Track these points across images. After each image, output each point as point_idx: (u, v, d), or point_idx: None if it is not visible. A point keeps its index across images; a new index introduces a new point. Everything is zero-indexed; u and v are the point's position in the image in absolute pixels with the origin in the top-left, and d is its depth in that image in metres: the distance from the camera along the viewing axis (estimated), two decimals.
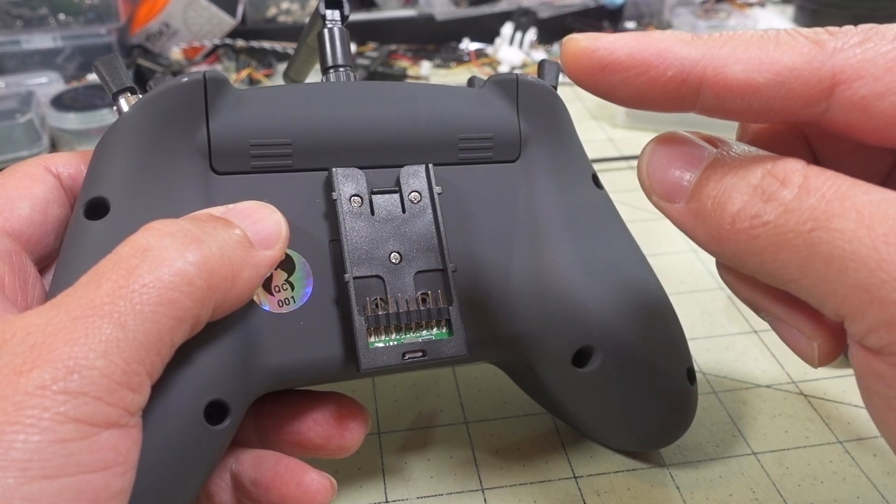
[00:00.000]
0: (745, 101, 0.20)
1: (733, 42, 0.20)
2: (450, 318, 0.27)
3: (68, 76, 0.73)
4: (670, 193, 0.22)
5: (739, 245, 0.20)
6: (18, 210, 0.26)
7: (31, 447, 0.18)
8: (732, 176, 0.20)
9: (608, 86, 0.21)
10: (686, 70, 0.20)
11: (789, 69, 0.19)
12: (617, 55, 0.20)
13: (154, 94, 0.26)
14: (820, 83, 0.19)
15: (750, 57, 0.19)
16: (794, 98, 0.19)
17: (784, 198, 0.19)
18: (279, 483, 0.26)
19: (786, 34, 0.20)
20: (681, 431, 0.33)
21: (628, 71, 0.20)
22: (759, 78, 0.19)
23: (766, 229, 0.19)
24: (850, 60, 0.19)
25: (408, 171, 0.29)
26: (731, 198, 0.20)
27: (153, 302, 0.20)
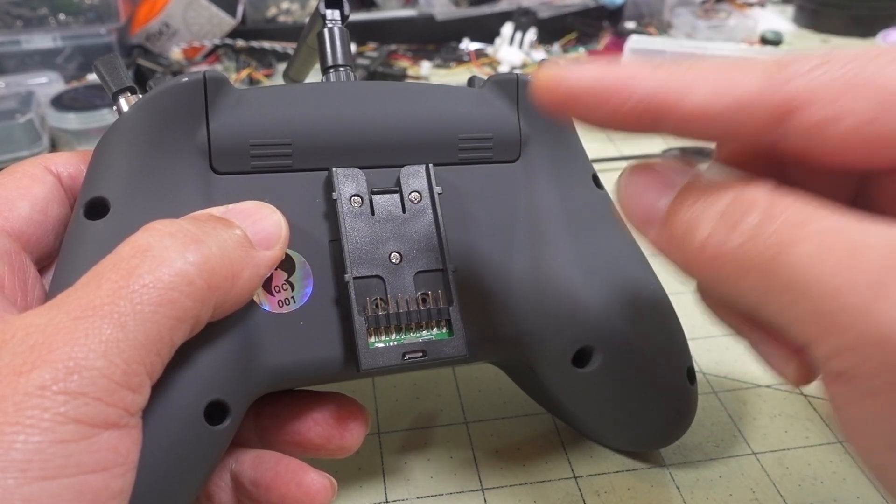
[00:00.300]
0: (705, 127, 0.20)
1: (694, 70, 0.20)
2: (450, 318, 0.27)
3: (68, 76, 0.73)
4: (646, 220, 0.22)
5: (709, 271, 0.21)
6: (18, 210, 0.26)
7: (31, 448, 0.18)
8: (702, 203, 0.21)
9: (577, 113, 0.22)
10: (648, 98, 0.21)
11: (745, 96, 0.20)
12: (583, 84, 0.21)
13: (154, 94, 0.26)
14: (775, 109, 0.19)
15: (708, 85, 0.20)
16: (751, 124, 0.20)
17: (749, 224, 0.19)
18: (279, 483, 0.26)
19: (744, 62, 0.21)
20: (681, 431, 0.33)
21: (595, 99, 0.21)
22: (717, 105, 0.20)
23: (732, 256, 0.20)
24: (805, 86, 0.19)
25: (408, 171, 0.29)
26: (700, 224, 0.20)
27: (153, 302, 0.20)
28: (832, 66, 0.19)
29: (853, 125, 0.19)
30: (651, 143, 0.65)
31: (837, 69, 0.19)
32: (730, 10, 0.91)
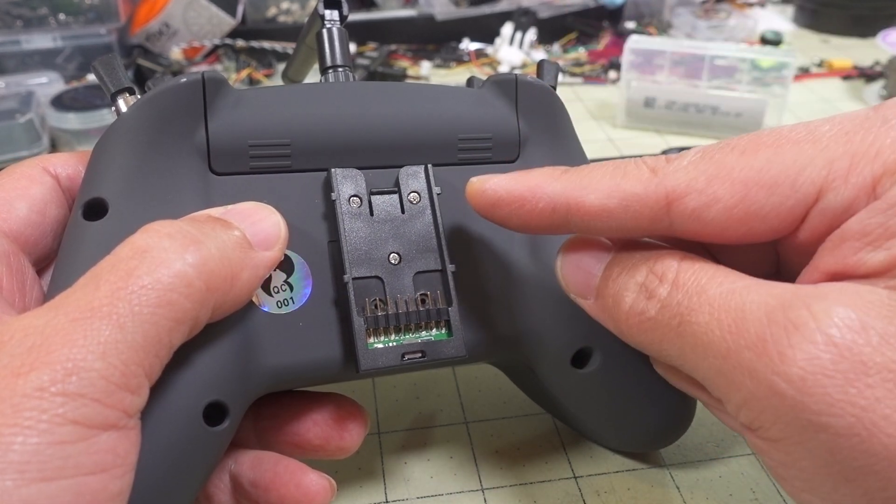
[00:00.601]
0: (603, 222, 0.23)
1: (591, 174, 0.24)
2: (449, 318, 0.27)
3: (68, 76, 0.73)
4: (582, 291, 0.25)
5: (636, 336, 0.24)
6: (16, 211, 0.26)
7: (29, 449, 0.18)
8: (625, 275, 0.24)
9: (501, 218, 0.25)
10: (554, 201, 0.24)
11: (631, 194, 0.23)
12: (500, 193, 0.25)
13: (152, 95, 0.26)
14: (657, 203, 0.22)
15: (602, 186, 0.23)
16: (639, 217, 0.23)
17: (661, 294, 0.22)
18: (278, 484, 0.26)
19: (633, 164, 0.23)
20: (680, 432, 0.33)
21: (510, 205, 0.25)
22: (609, 203, 0.23)
23: (650, 324, 0.23)
24: (679, 180, 0.22)
25: (407, 171, 0.29)
26: (624, 296, 0.23)
27: (152, 304, 0.20)
28: (702, 160, 0.22)
29: (723, 209, 0.22)
30: (651, 144, 0.65)
31: (705, 163, 0.22)
32: (730, 10, 0.91)
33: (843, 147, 0.21)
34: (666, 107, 0.67)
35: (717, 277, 0.21)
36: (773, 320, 0.19)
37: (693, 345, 0.21)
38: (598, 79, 0.78)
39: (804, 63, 0.81)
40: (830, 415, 0.18)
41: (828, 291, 0.20)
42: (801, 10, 0.94)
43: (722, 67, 0.65)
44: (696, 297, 0.21)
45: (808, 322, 0.19)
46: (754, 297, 0.20)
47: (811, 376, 0.18)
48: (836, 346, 0.18)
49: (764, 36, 0.85)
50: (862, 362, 0.18)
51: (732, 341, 0.20)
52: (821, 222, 0.21)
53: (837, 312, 0.19)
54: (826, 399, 0.18)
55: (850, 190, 0.21)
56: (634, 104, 0.67)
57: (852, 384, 0.18)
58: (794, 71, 0.66)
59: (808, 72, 0.80)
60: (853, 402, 0.18)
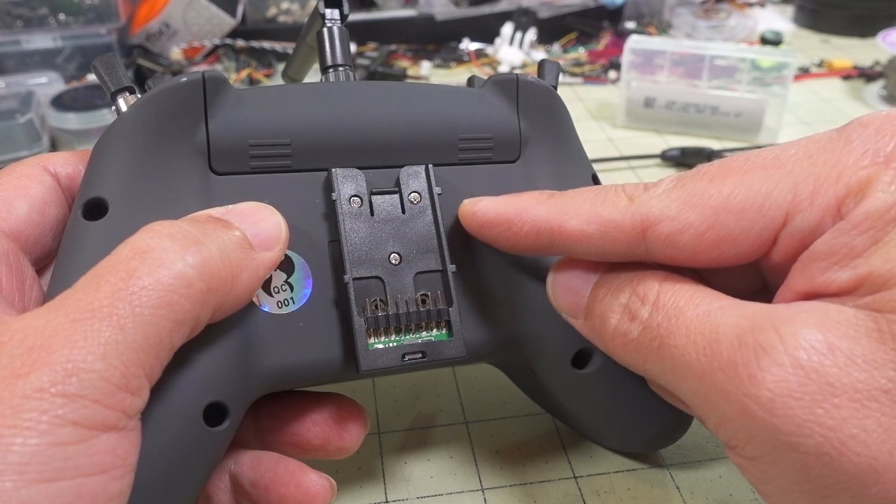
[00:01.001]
0: (584, 247, 0.24)
1: (573, 200, 0.25)
2: (449, 319, 0.27)
3: (68, 76, 0.73)
4: (572, 311, 0.26)
5: (622, 356, 0.24)
6: (16, 210, 0.26)
7: (28, 450, 0.18)
8: (610, 296, 0.25)
9: (491, 238, 0.27)
10: (538, 225, 0.25)
11: (609, 221, 0.24)
12: (488, 216, 0.26)
13: (153, 94, 0.26)
14: (633, 229, 0.23)
15: (582, 212, 0.24)
16: (617, 242, 0.24)
17: (642, 316, 0.23)
18: (278, 484, 0.26)
19: (613, 191, 0.24)
20: (680, 433, 0.33)
21: (498, 227, 0.26)
22: (588, 229, 0.24)
23: (634, 345, 0.23)
24: (653, 208, 0.23)
25: (407, 171, 0.29)
26: (609, 317, 0.24)
27: (152, 305, 0.20)
28: (676, 187, 0.23)
29: (694, 234, 0.22)
30: (651, 144, 0.65)
31: (678, 191, 0.23)
32: (730, 10, 0.91)
33: (807, 170, 0.22)
34: (666, 107, 0.67)
35: (694, 299, 0.22)
36: (743, 343, 0.20)
37: (672, 366, 0.22)
38: (598, 79, 0.78)
39: (804, 63, 0.81)
40: (800, 435, 0.19)
41: (797, 313, 0.20)
42: (801, 10, 0.94)
43: (722, 67, 0.65)
44: (675, 319, 0.22)
45: (776, 344, 0.19)
46: (727, 319, 0.21)
47: (779, 398, 0.19)
48: (803, 369, 0.19)
49: (764, 36, 0.85)
50: (829, 383, 0.19)
51: (707, 363, 0.21)
52: (790, 244, 0.22)
53: (804, 334, 0.19)
54: (794, 420, 0.19)
55: (816, 212, 0.21)
56: (634, 104, 0.67)
57: (819, 405, 0.19)
58: (794, 71, 0.66)
59: (808, 72, 0.80)
60: (821, 423, 0.19)
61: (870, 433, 0.18)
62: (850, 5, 0.89)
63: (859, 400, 0.18)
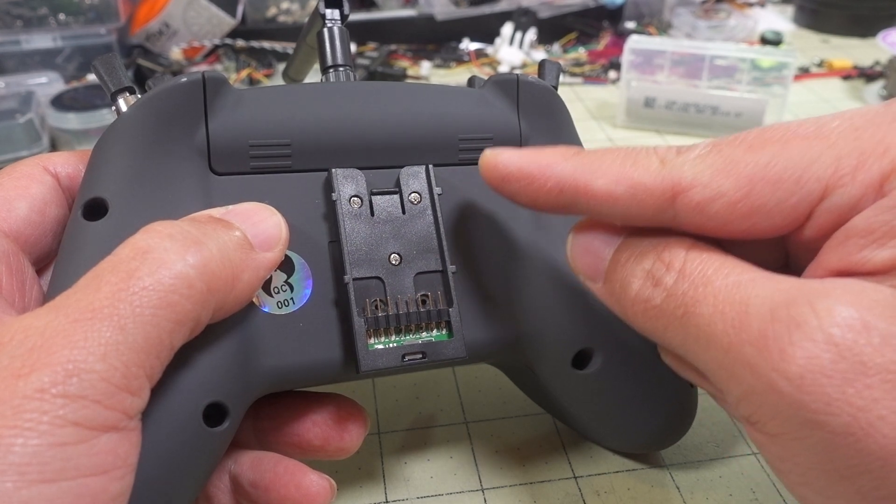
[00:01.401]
0: (609, 208, 0.23)
1: (602, 159, 0.24)
2: (449, 319, 0.27)
3: (68, 76, 0.73)
4: (591, 274, 0.25)
5: (642, 323, 0.24)
6: (16, 210, 0.26)
7: (29, 451, 0.18)
8: (633, 261, 0.24)
9: (510, 192, 0.25)
10: (562, 182, 0.24)
11: (638, 183, 0.23)
12: (510, 169, 0.25)
13: (153, 95, 0.26)
14: (663, 194, 0.22)
15: (611, 172, 0.23)
16: (645, 206, 0.23)
17: (667, 283, 0.22)
18: (278, 485, 0.26)
19: (645, 153, 0.23)
20: (681, 433, 0.33)
21: (520, 182, 0.25)
22: (616, 190, 0.23)
23: (655, 312, 0.23)
24: (686, 173, 0.22)
25: (408, 171, 0.29)
26: (631, 282, 0.23)
27: (153, 305, 0.20)
28: (710, 155, 0.22)
29: (727, 203, 0.22)
30: (651, 144, 0.65)
31: (713, 157, 0.22)
32: (730, 10, 0.91)
33: (852, 143, 0.21)
34: (666, 107, 0.67)
35: (723, 269, 0.21)
36: (776, 316, 0.19)
37: (696, 336, 0.21)
38: (598, 79, 0.78)
39: (804, 63, 0.81)
40: (827, 413, 0.18)
41: (832, 288, 0.19)
42: (801, 10, 0.94)
43: (722, 67, 0.65)
44: (702, 288, 0.21)
45: (811, 320, 0.19)
46: (759, 291, 0.20)
47: (810, 375, 0.18)
48: (837, 346, 0.18)
49: (764, 36, 0.85)
50: (862, 363, 0.18)
51: (735, 335, 0.20)
52: (827, 219, 0.21)
53: (840, 311, 0.19)
54: (824, 398, 0.18)
55: (858, 187, 0.20)
56: (634, 104, 0.67)
57: (851, 384, 0.18)
58: (794, 71, 0.66)
59: (808, 72, 0.80)
60: (850, 402, 0.18)
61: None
62: (850, 5, 0.89)
63: (891, 381, 0.18)
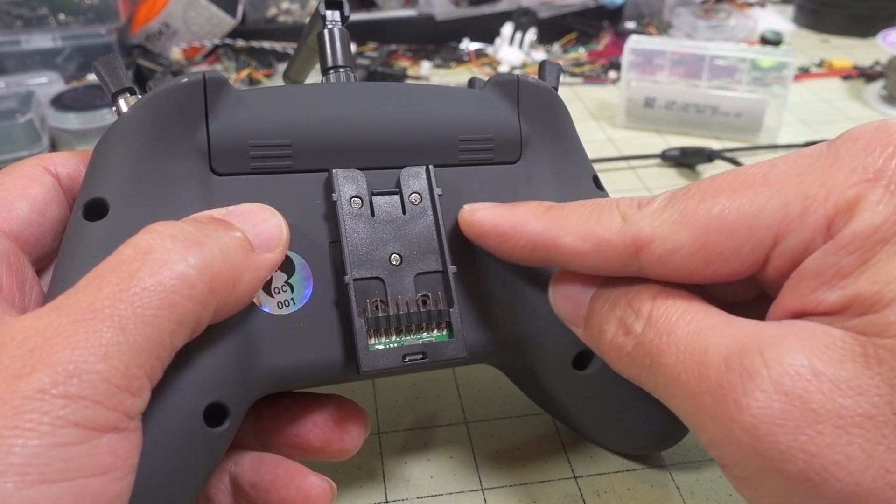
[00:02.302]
0: (579, 263, 0.25)
1: (570, 216, 0.25)
2: (450, 320, 0.27)
3: (68, 76, 0.73)
4: (572, 320, 0.27)
5: (619, 370, 0.25)
6: (17, 210, 0.26)
7: (29, 451, 0.18)
8: (607, 308, 0.25)
9: (488, 248, 0.27)
10: (534, 240, 0.25)
11: (602, 240, 0.24)
12: (486, 227, 0.27)
13: (153, 95, 0.26)
14: (626, 249, 0.23)
15: (577, 229, 0.24)
16: (610, 260, 0.24)
17: (636, 331, 0.23)
18: (279, 486, 0.26)
19: (608, 208, 0.24)
20: (682, 434, 0.33)
21: (495, 239, 0.26)
22: (583, 247, 0.24)
23: (628, 359, 0.24)
24: (645, 228, 0.23)
25: (408, 172, 0.29)
26: (606, 329, 0.25)
27: (154, 305, 0.20)
28: (667, 207, 0.23)
29: (686, 254, 0.22)
30: (651, 144, 0.65)
31: (671, 209, 0.23)
32: (730, 10, 0.91)
33: (796, 189, 0.21)
34: (666, 107, 0.67)
35: (686, 315, 0.22)
36: (730, 366, 0.20)
37: (664, 383, 0.22)
38: (598, 79, 0.78)
39: (804, 63, 0.81)
40: (783, 461, 0.19)
41: (784, 335, 0.20)
42: (801, 10, 0.94)
43: (722, 67, 0.65)
44: (665, 337, 0.22)
45: (761, 370, 0.19)
46: (716, 339, 0.21)
47: (762, 425, 0.19)
48: (787, 395, 0.19)
49: (764, 36, 0.85)
50: (812, 410, 0.19)
51: (696, 385, 0.21)
52: (782, 263, 0.22)
53: (789, 359, 0.19)
54: (778, 446, 0.19)
55: (806, 231, 0.21)
56: (634, 104, 0.67)
57: (803, 431, 0.19)
58: (794, 71, 0.66)
59: (808, 72, 0.80)
60: (804, 449, 0.19)
61: (853, 459, 0.18)
62: (850, 5, 0.89)
63: (843, 426, 0.18)
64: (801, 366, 0.19)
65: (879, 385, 0.19)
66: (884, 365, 0.19)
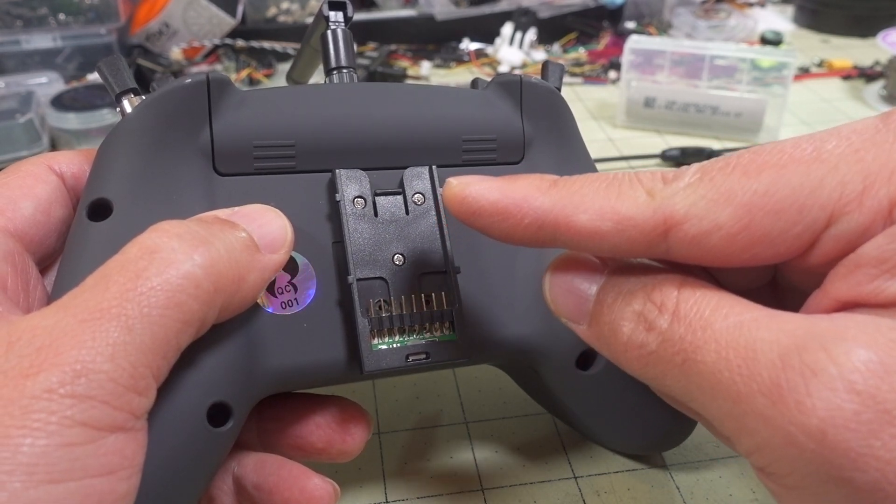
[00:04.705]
0: (595, 244, 0.21)
1: (583, 190, 0.22)
2: (453, 320, 0.27)
3: (68, 76, 0.73)
4: (574, 317, 0.23)
5: (636, 371, 0.22)
6: (21, 210, 0.26)
7: (37, 451, 0.18)
8: (621, 302, 0.22)
9: (480, 227, 0.23)
10: (541, 218, 0.22)
11: (626, 218, 0.21)
12: (481, 203, 0.23)
13: (157, 96, 0.26)
14: (654, 229, 0.21)
15: (594, 206, 0.21)
16: (634, 242, 0.21)
17: (661, 327, 0.21)
18: (282, 488, 0.26)
19: (629, 182, 0.21)
20: (684, 434, 0.33)
21: (493, 217, 0.23)
22: (603, 226, 0.21)
23: (651, 358, 0.21)
24: (677, 206, 0.20)
25: (411, 172, 0.29)
26: (621, 325, 0.22)
27: (161, 305, 0.20)
28: (702, 181, 0.21)
29: (725, 235, 0.20)
30: (651, 144, 0.66)
31: (707, 184, 0.20)
32: (730, 10, 0.91)
33: (855, 167, 0.19)
34: (666, 107, 0.67)
35: (721, 308, 0.20)
36: (787, 364, 0.18)
37: (700, 385, 0.20)
38: (598, 79, 0.78)
39: (804, 63, 0.81)
40: (854, 469, 0.17)
41: (845, 329, 0.18)
42: (801, 11, 0.94)
43: (722, 67, 0.65)
44: (701, 332, 0.20)
45: (828, 367, 0.17)
46: (765, 334, 0.19)
47: (832, 429, 0.17)
48: (859, 395, 0.17)
49: (764, 36, 0.86)
50: (886, 411, 0.17)
51: (743, 384, 0.18)
52: (833, 247, 0.20)
53: (858, 355, 0.17)
54: (849, 454, 0.17)
55: (865, 214, 0.19)
56: (634, 104, 0.68)
57: (877, 436, 0.17)
58: (794, 71, 0.66)
59: (808, 72, 0.80)
60: (878, 456, 0.17)
61: None
62: (850, 5, 0.89)
63: None
64: (872, 362, 0.17)
65: None
66: None
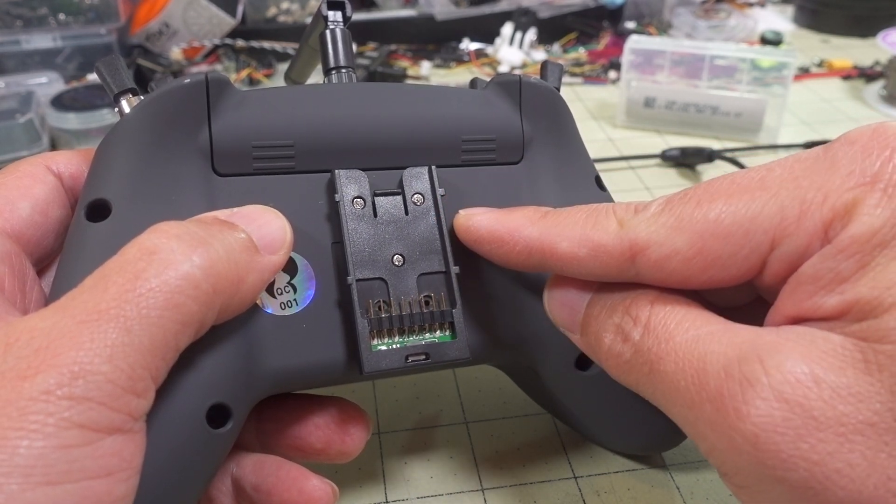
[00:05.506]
0: (575, 268, 0.25)
1: (566, 221, 0.25)
2: (453, 320, 0.27)
3: (68, 76, 0.73)
4: (569, 327, 0.26)
5: (618, 378, 0.24)
6: (19, 211, 0.26)
7: (34, 453, 0.18)
8: (604, 315, 0.25)
9: (484, 253, 0.27)
10: (530, 245, 0.25)
11: (599, 245, 0.24)
12: (481, 232, 0.27)
13: (156, 96, 0.26)
14: (622, 254, 0.23)
15: (574, 235, 0.24)
16: (607, 266, 0.24)
17: (634, 338, 0.23)
18: (281, 489, 0.26)
19: (605, 213, 0.24)
20: (684, 435, 0.33)
21: (491, 244, 0.26)
22: (579, 252, 0.24)
23: (627, 367, 0.24)
24: (641, 233, 0.23)
25: (410, 172, 0.29)
26: (603, 336, 0.24)
27: (159, 306, 0.20)
28: (664, 211, 0.23)
29: (683, 259, 0.22)
30: (651, 144, 0.66)
31: (668, 213, 0.23)
32: (730, 10, 0.91)
33: (793, 193, 0.21)
34: (666, 107, 0.67)
35: (684, 322, 0.22)
36: (729, 374, 0.20)
37: (664, 392, 0.22)
38: (598, 79, 0.78)
39: (804, 63, 0.81)
40: (784, 469, 0.19)
41: (783, 341, 0.20)
42: (801, 11, 0.94)
43: (722, 67, 0.65)
44: (664, 344, 0.22)
45: (761, 377, 0.19)
46: (715, 346, 0.21)
47: (764, 433, 0.19)
48: (788, 402, 0.19)
49: (764, 36, 0.85)
50: (813, 417, 0.19)
51: (696, 393, 0.21)
52: (780, 268, 0.22)
53: (789, 366, 0.19)
54: (779, 455, 0.19)
55: (803, 236, 0.21)
56: (634, 104, 0.67)
57: (804, 440, 0.19)
58: (794, 71, 0.66)
59: (808, 72, 0.80)
60: (805, 458, 0.19)
61: (854, 467, 0.18)
62: (850, 5, 0.89)
63: (844, 434, 0.18)
64: (802, 373, 0.19)
65: (880, 391, 0.18)
66: (884, 371, 0.18)
